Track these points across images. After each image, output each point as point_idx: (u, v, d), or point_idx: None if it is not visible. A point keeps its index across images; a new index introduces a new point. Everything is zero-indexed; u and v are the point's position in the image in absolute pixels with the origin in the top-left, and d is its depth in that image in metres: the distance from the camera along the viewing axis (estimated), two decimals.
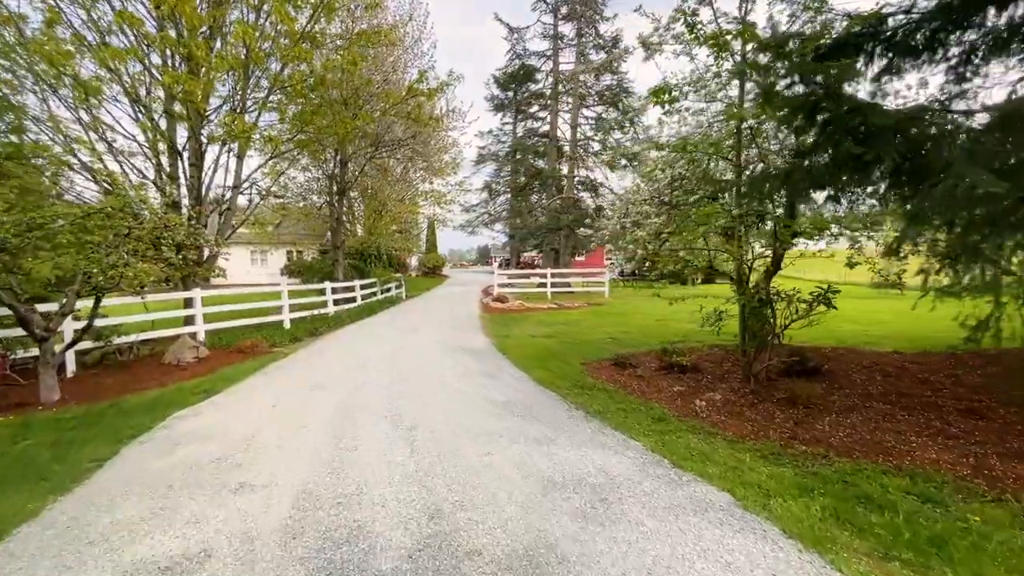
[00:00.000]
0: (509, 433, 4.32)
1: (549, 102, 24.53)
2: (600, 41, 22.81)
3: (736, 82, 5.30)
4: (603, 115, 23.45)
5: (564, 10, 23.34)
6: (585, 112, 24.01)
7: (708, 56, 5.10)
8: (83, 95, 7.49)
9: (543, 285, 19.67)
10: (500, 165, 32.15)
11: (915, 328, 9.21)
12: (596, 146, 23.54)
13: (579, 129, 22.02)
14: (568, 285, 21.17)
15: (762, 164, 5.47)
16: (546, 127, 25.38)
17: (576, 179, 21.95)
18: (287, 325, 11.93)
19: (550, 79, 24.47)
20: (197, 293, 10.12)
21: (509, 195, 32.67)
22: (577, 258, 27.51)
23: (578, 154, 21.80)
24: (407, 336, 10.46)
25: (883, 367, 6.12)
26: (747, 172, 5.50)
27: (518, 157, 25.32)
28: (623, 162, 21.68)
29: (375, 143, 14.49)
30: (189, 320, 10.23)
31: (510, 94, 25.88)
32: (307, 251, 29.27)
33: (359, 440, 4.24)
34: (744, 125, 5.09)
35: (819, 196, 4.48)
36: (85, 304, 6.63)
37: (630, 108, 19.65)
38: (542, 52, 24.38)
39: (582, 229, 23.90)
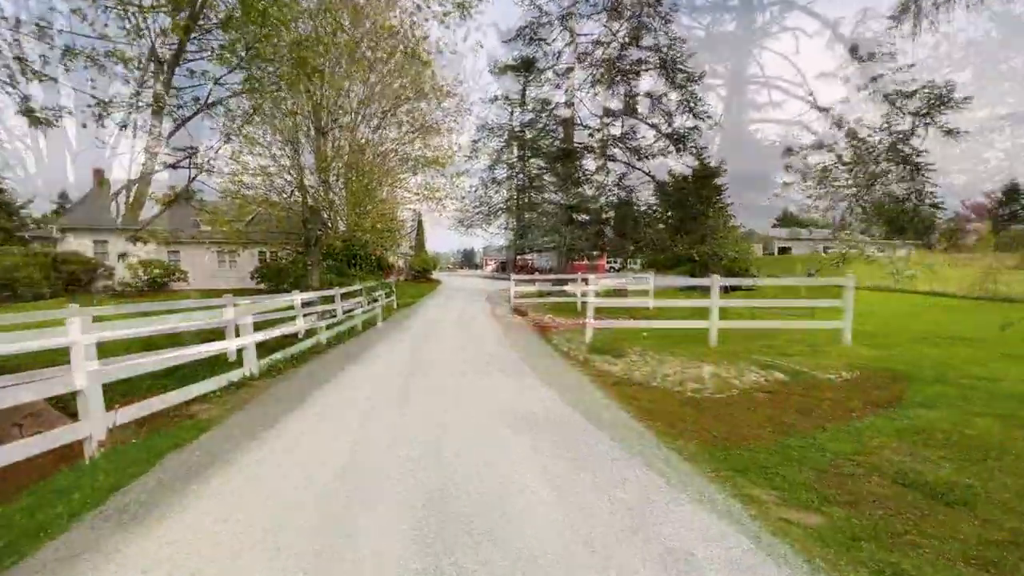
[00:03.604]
0: None
1: (568, 77, 20.73)
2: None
3: None
4: (631, 92, 19.69)
5: None
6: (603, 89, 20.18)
7: None
8: None
9: (560, 293, 16.66)
10: (499, 152, 27.98)
11: None
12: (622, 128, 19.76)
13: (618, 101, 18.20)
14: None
15: None
16: (565, 110, 21.57)
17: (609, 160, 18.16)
18: (233, 360, 7.85)
19: (567, 53, 20.71)
20: (73, 314, 5.95)
21: (514, 183, 28.50)
22: (575, 262, 23.82)
23: (610, 136, 18.03)
24: (430, 404, 6.42)
25: None
26: None
27: (535, 132, 21.55)
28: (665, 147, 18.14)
29: (366, 100, 10.48)
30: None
31: (523, 59, 21.77)
32: (282, 251, 24.88)
33: None
34: None
35: None
36: None
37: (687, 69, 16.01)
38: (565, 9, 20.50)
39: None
